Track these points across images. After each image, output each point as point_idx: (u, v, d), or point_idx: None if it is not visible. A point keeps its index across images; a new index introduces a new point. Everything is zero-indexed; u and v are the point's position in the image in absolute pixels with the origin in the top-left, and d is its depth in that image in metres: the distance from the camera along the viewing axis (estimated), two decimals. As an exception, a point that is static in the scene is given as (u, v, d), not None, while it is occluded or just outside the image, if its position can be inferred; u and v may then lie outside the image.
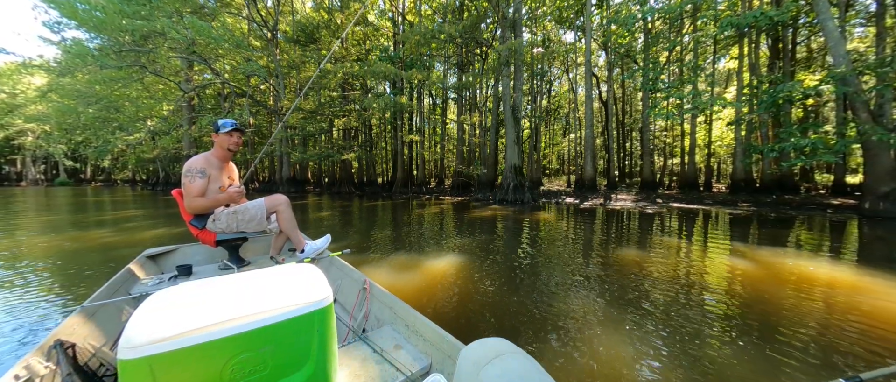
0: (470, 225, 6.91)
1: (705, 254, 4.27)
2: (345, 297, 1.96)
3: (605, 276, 3.31)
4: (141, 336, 0.66)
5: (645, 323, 2.25)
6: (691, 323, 2.26)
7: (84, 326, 1.37)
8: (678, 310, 2.47)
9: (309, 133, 19.78)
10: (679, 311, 2.46)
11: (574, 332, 2.14)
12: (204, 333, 0.70)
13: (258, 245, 2.73)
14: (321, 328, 0.84)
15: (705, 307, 2.55)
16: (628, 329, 2.17)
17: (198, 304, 0.75)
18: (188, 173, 2.02)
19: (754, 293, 2.81)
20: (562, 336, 2.09)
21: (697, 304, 2.60)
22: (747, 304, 2.59)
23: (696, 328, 2.18)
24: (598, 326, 2.22)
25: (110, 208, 11.15)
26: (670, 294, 2.79)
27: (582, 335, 2.10)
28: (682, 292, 2.87)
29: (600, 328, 2.20)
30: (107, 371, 1.23)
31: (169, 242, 3.39)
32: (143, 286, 1.89)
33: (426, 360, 1.28)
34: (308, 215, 8.98)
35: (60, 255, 4.28)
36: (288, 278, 0.89)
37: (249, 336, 0.74)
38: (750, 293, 2.81)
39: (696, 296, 2.77)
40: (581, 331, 2.15)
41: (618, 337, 2.07)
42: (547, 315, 2.39)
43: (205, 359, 0.70)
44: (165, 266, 2.39)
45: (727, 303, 2.62)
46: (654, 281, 3.12)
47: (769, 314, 2.39)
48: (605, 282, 3.12)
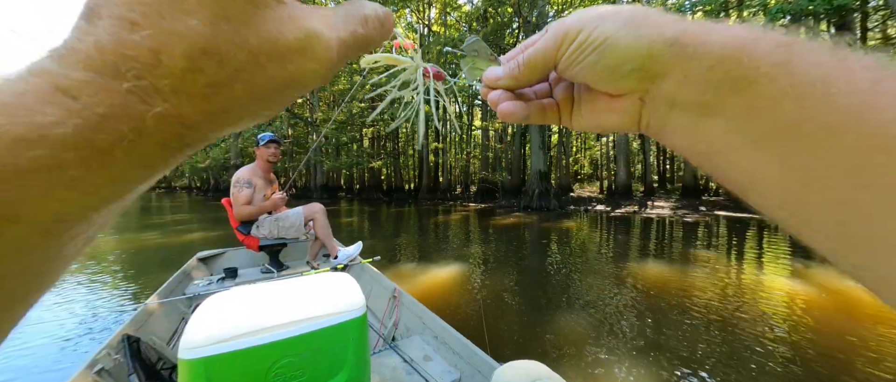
0: (490, 233, 6.85)
1: (760, 273, 3.72)
2: (375, 304, 2.01)
3: (634, 300, 3.12)
4: (198, 338, 0.73)
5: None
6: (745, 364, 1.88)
7: (146, 323, 1.54)
8: (728, 352, 2.09)
9: (341, 143, 20.79)
10: (731, 354, 2.02)
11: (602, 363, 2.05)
12: (253, 338, 0.75)
13: (296, 250, 2.94)
14: (356, 337, 0.88)
15: (765, 347, 2.06)
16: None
17: (246, 309, 0.82)
18: (236, 183, 2.27)
19: (829, 331, 2.23)
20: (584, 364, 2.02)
21: (756, 344, 2.10)
22: (823, 349, 2.01)
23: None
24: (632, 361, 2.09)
25: (169, 212, 12.45)
26: (716, 326, 2.45)
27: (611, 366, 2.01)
28: (735, 325, 2.43)
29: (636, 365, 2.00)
30: (164, 365, 1.36)
31: (214, 244, 3.75)
32: (195, 287, 2.11)
33: (455, 374, 1.29)
34: (340, 219, 9.41)
35: (126, 253, 4.88)
36: (326, 287, 0.94)
37: (292, 341, 0.79)
38: (823, 331, 2.24)
39: (751, 332, 2.32)
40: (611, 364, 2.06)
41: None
42: (565, 338, 2.32)
43: (253, 362, 0.75)
44: (214, 268, 2.66)
45: (795, 348, 2.04)
46: (695, 305, 2.86)
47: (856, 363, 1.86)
48: (634, 308, 2.95)
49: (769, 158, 0.13)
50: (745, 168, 0.14)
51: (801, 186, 0.12)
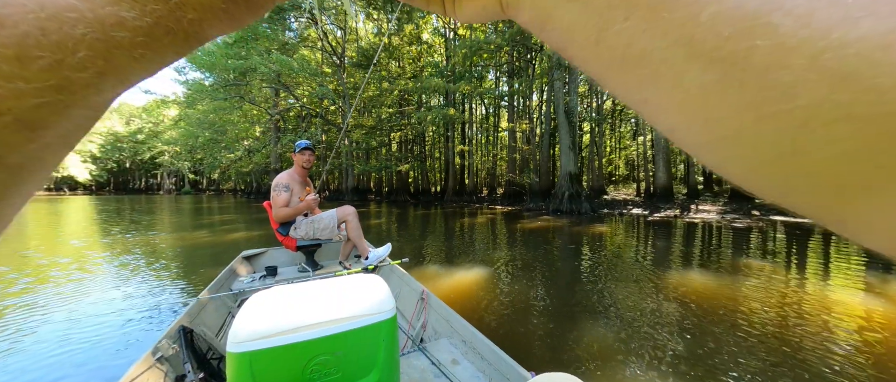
0: (516, 237, 6.71)
1: (826, 287, 3.34)
2: (404, 305, 2.05)
3: (675, 313, 2.92)
4: (244, 334, 0.78)
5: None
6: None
7: (198, 315, 1.68)
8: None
9: (371, 147, 21.51)
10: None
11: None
12: (292, 335, 0.80)
13: (329, 251, 3.11)
14: (387, 338, 0.90)
15: (829, 369, 1.89)
16: None
17: (286, 308, 0.87)
18: (276, 187, 2.44)
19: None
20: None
21: (820, 367, 1.91)
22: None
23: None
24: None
25: (217, 212, 13.56)
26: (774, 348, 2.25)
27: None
28: (795, 345, 2.24)
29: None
30: (213, 355, 1.49)
31: (256, 243, 4.05)
32: (240, 283, 2.30)
33: (484, 380, 1.30)
34: (369, 221, 9.72)
35: (181, 250, 5.39)
36: (358, 288, 0.98)
37: (327, 340, 0.83)
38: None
39: (815, 354, 2.12)
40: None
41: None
42: (597, 350, 2.22)
43: (292, 358, 0.80)
44: (257, 266, 2.88)
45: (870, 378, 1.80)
46: (747, 321, 2.64)
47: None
48: (675, 321, 2.75)
49: (579, 7, 0.14)
50: (568, 23, 0.14)
51: (597, 28, 0.13)
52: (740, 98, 0.10)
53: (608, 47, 0.13)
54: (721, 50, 0.10)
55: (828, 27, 0.09)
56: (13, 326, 2.49)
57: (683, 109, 0.12)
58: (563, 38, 0.15)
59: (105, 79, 0.13)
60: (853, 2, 0.09)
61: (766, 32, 0.10)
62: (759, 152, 0.11)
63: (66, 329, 2.43)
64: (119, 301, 3.03)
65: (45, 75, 0.12)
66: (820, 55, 0.09)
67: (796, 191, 0.11)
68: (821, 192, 0.10)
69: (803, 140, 0.10)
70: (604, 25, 0.13)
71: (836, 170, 0.09)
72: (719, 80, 0.11)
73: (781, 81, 0.10)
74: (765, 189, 0.12)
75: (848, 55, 0.08)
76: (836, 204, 0.10)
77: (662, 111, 0.13)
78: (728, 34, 0.10)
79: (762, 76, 0.10)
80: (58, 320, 2.61)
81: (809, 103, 0.09)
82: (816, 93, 0.09)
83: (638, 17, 0.12)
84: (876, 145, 0.09)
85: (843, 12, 0.09)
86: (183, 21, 0.14)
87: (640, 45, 0.12)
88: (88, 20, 0.12)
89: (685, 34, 0.11)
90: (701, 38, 0.11)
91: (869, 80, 0.08)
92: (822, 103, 0.09)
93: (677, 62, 0.11)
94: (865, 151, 0.09)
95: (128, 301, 3.03)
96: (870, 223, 0.10)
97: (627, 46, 0.12)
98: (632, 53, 0.12)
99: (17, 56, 0.11)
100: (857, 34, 0.09)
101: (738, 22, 0.10)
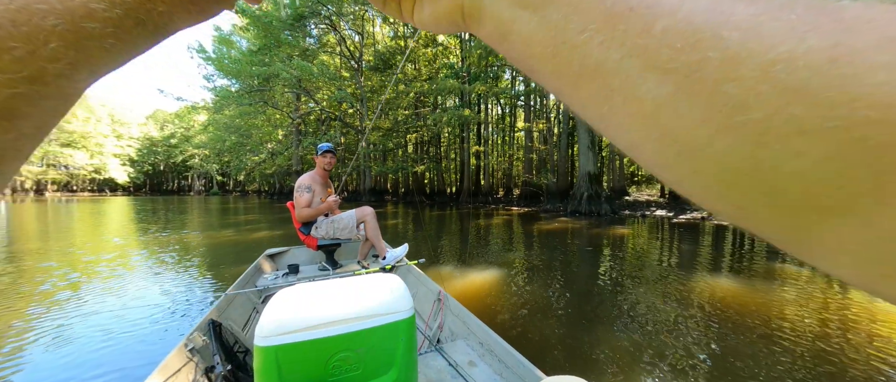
0: (532, 239, 6.61)
1: (873, 297, 3.18)
2: (420, 305, 2.07)
3: (700, 319, 2.79)
4: (270, 328, 0.81)
5: None
6: None
7: (226, 310, 1.77)
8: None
9: (388, 149, 21.85)
10: None
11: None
12: (315, 331, 0.82)
13: (349, 250, 3.20)
14: (405, 337, 0.92)
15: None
16: None
17: (310, 305, 0.90)
18: (299, 188, 2.54)
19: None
20: (623, 368, 1.87)
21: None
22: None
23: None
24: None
25: (242, 212, 14.18)
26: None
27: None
28: (837, 359, 2.09)
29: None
30: (239, 348, 1.56)
31: (279, 242, 4.22)
32: (264, 280, 2.40)
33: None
34: (386, 221, 9.87)
35: (209, 248, 5.68)
36: (378, 287, 1.00)
37: (348, 337, 0.85)
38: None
39: (858, 368, 1.97)
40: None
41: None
42: (614, 356, 2.16)
43: (315, 353, 0.82)
44: (280, 264, 2.99)
45: None
46: (782, 330, 2.48)
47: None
48: (700, 328, 2.63)
49: (537, 19, 0.14)
50: (526, 36, 0.14)
51: (553, 40, 0.13)
52: (695, 111, 0.10)
53: (565, 60, 0.13)
54: (674, 61, 0.10)
55: (775, 41, 0.09)
56: (63, 318, 2.71)
57: (640, 124, 0.12)
58: (523, 52, 0.15)
59: (77, 69, 0.13)
60: (797, 17, 0.09)
61: (715, 44, 0.10)
62: (716, 168, 0.11)
63: (110, 320, 2.62)
64: (156, 295, 3.23)
65: (18, 66, 0.12)
66: (770, 68, 0.09)
67: (757, 213, 0.11)
68: (782, 214, 0.10)
69: (760, 156, 0.09)
70: (560, 39, 0.13)
71: (796, 190, 0.09)
72: (674, 92, 0.11)
73: (734, 93, 0.09)
74: (725, 210, 0.12)
75: (798, 68, 0.08)
76: (797, 228, 0.10)
77: (620, 127, 0.13)
78: (680, 46, 0.10)
79: (715, 88, 0.10)
80: (103, 311, 2.82)
81: (763, 116, 0.09)
82: (769, 105, 0.09)
83: (593, 30, 0.12)
84: (834, 163, 0.08)
85: (789, 26, 0.09)
86: (153, 13, 0.15)
87: (596, 57, 0.12)
88: (58, 11, 0.12)
89: (639, 45, 0.11)
90: (655, 49, 0.11)
91: (820, 92, 0.08)
92: (776, 116, 0.09)
93: (632, 74, 0.11)
94: (824, 169, 0.08)
95: (164, 295, 3.23)
96: (833, 250, 0.10)
97: (583, 59, 0.12)
98: (588, 65, 0.12)
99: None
100: (805, 48, 0.09)
101: (689, 34, 0.10)
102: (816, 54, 0.08)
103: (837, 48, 0.08)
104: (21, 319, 2.65)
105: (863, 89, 0.08)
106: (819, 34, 0.09)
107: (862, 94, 0.08)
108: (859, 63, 0.08)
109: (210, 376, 1.22)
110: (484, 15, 0.16)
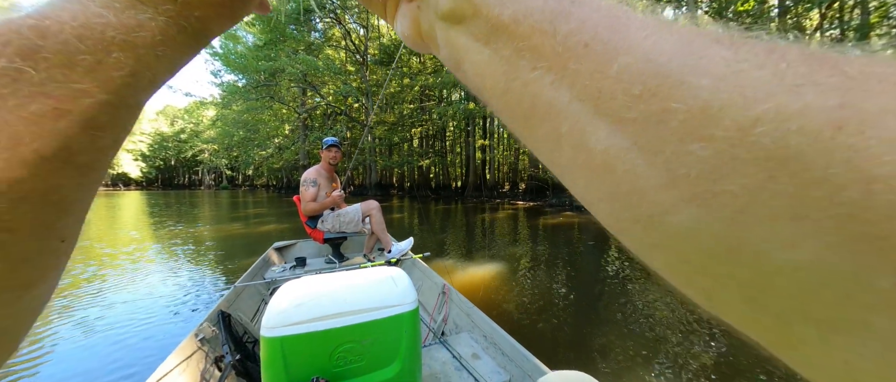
0: (538, 232, 6.60)
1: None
2: (425, 298, 2.09)
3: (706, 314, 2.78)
4: (276, 320, 0.82)
5: None
6: None
7: (235, 301, 1.81)
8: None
9: (393, 143, 21.87)
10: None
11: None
12: (320, 323, 0.84)
13: (354, 244, 3.23)
14: (409, 330, 0.93)
15: None
16: None
17: (316, 297, 0.92)
18: (304, 182, 2.56)
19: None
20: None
21: None
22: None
23: None
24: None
25: (251, 206, 14.41)
26: None
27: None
28: None
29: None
30: (248, 339, 1.60)
31: (286, 235, 4.30)
32: (272, 273, 2.45)
33: (505, 375, 1.31)
34: (392, 215, 9.94)
35: (218, 241, 5.80)
36: (382, 280, 1.01)
37: (353, 329, 0.86)
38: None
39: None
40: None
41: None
42: (618, 350, 2.17)
43: (320, 344, 0.84)
44: (287, 257, 3.04)
45: None
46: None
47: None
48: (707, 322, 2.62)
49: (489, 52, 0.13)
50: (478, 68, 0.14)
51: (505, 76, 0.12)
52: (653, 172, 0.08)
53: (516, 98, 0.12)
54: (631, 110, 0.09)
55: (759, 95, 0.07)
56: (83, 309, 2.82)
57: (590, 178, 0.11)
58: (476, 84, 0.15)
59: (138, 78, 0.14)
60: (788, 66, 0.07)
61: (682, 94, 0.08)
62: (681, 246, 0.09)
63: (125, 310, 2.72)
64: (169, 286, 3.33)
65: (90, 76, 0.13)
66: (751, 128, 0.07)
67: (733, 309, 0.09)
68: (765, 316, 0.08)
69: (737, 240, 0.07)
70: (512, 75, 0.12)
71: (785, 290, 0.07)
72: (629, 146, 0.09)
73: (703, 156, 0.08)
74: (695, 297, 0.10)
75: (788, 133, 0.06)
76: (788, 338, 0.08)
77: (571, 178, 0.12)
78: (639, 92, 0.09)
79: (679, 148, 0.08)
80: (119, 302, 2.92)
81: (742, 189, 0.07)
82: (749, 178, 0.07)
83: (544, 68, 0.11)
84: (841, 264, 0.06)
85: (778, 77, 0.07)
86: (191, 18, 0.16)
87: (546, 97, 0.11)
88: (114, 25, 0.13)
89: (591, 88, 0.10)
90: (609, 93, 0.09)
91: (820, 170, 0.06)
92: (760, 191, 0.07)
93: (582, 120, 0.10)
94: (825, 269, 0.06)
95: (177, 286, 3.32)
96: (841, 377, 0.07)
97: (534, 99, 0.11)
98: (538, 106, 0.11)
99: (65, 62, 0.12)
100: (798, 107, 0.07)
101: (650, 78, 0.08)
102: (815, 118, 0.06)
103: (845, 110, 0.06)
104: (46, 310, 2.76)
105: (883, 170, 0.06)
106: (819, 90, 0.07)
107: (882, 175, 0.06)
108: (875, 132, 0.06)
109: (220, 365, 1.26)
110: (438, 41, 0.16)
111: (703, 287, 0.09)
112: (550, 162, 0.12)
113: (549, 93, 0.11)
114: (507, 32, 0.12)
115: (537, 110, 0.11)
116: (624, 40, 0.09)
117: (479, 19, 0.13)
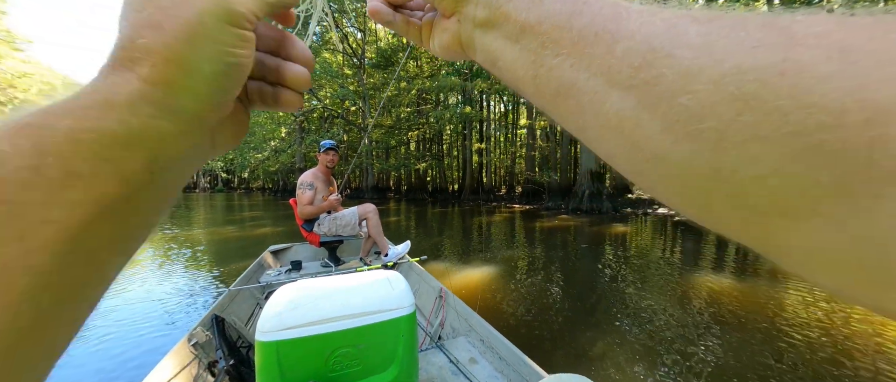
0: (534, 236, 6.62)
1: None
2: (422, 302, 2.08)
3: (702, 319, 2.80)
4: (271, 324, 0.82)
5: None
6: None
7: (229, 305, 1.80)
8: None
9: (390, 146, 21.85)
10: None
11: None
12: (316, 327, 0.83)
13: (351, 247, 3.23)
14: (406, 334, 0.92)
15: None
16: None
17: (311, 301, 0.91)
18: (301, 185, 2.56)
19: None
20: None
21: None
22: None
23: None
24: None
25: (246, 209, 14.28)
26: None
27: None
28: (844, 358, 2.04)
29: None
30: (242, 343, 1.58)
31: (282, 238, 4.27)
32: (267, 276, 2.43)
33: (502, 379, 1.31)
34: (389, 218, 9.91)
35: (213, 244, 5.75)
36: (378, 284, 1.01)
37: (349, 333, 0.86)
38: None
39: (866, 369, 1.95)
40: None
41: None
42: (614, 354, 2.17)
43: (316, 349, 0.83)
44: (283, 260, 3.03)
45: None
46: (789, 330, 2.49)
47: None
48: (703, 327, 2.64)
49: (519, 48, 0.16)
50: (510, 62, 0.17)
51: (533, 65, 0.15)
52: (655, 122, 0.11)
53: (544, 81, 0.15)
54: (634, 78, 0.12)
55: (724, 56, 0.10)
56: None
57: (610, 135, 0.13)
58: (510, 76, 0.18)
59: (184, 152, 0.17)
60: (747, 34, 0.10)
61: (670, 62, 0.11)
62: (680, 173, 0.11)
63: (117, 314, 2.68)
64: (162, 289, 3.29)
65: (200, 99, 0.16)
66: (721, 80, 0.10)
67: (723, 216, 0.11)
68: (747, 217, 0.10)
69: (719, 161, 0.10)
70: (539, 63, 0.15)
71: (758, 194, 0.10)
72: (635, 106, 0.12)
73: (689, 105, 0.10)
74: (695, 213, 0.13)
75: (747, 81, 0.09)
76: (765, 231, 0.10)
77: (595, 139, 0.15)
78: (638, 64, 0.12)
79: (672, 101, 0.11)
80: (110, 305, 2.88)
81: (718, 124, 0.10)
82: (723, 114, 0.10)
83: (565, 55, 0.14)
84: (793, 167, 0.09)
85: (737, 43, 0.10)
86: (206, 129, 0.18)
87: (569, 77, 0.14)
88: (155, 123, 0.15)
89: (604, 65, 0.13)
90: (617, 68, 0.12)
91: (771, 102, 0.09)
92: (731, 124, 0.10)
93: (599, 91, 0.13)
94: (783, 173, 0.09)
95: (170, 290, 3.28)
96: (804, 254, 0.10)
97: (559, 80, 0.15)
98: (563, 85, 0.14)
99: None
100: (754, 62, 0.09)
101: (646, 54, 0.11)
102: (766, 69, 0.09)
103: (786, 63, 0.09)
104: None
105: (814, 98, 0.08)
106: (767, 49, 0.09)
107: (814, 102, 0.08)
108: (808, 74, 0.09)
109: (213, 370, 1.25)
110: (476, 46, 0.19)
111: (699, 204, 0.12)
112: (577, 129, 0.16)
113: (570, 74, 0.14)
114: (533, 31, 0.15)
115: (562, 88, 0.15)
116: (625, 28, 0.12)
117: (509, 23, 0.16)
